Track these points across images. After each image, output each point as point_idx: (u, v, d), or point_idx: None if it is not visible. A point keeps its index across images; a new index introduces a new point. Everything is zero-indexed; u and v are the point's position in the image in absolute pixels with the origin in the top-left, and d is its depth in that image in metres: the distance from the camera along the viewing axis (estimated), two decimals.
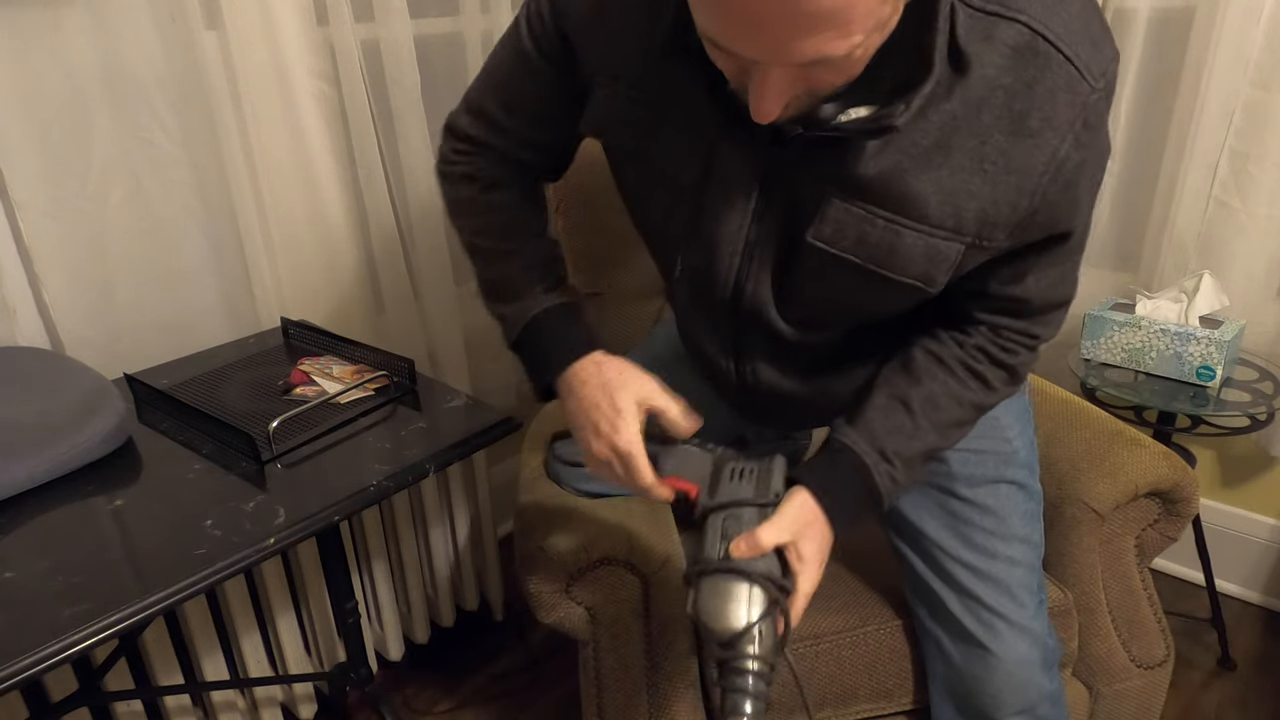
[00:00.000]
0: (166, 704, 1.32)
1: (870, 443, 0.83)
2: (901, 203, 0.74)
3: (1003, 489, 1.01)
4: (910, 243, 0.75)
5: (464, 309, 1.67)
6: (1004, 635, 0.97)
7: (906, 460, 0.84)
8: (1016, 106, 0.69)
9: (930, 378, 0.85)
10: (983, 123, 0.70)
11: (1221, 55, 1.44)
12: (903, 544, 1.06)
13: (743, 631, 0.70)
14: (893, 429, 0.84)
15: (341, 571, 1.33)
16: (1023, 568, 1.00)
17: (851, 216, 0.75)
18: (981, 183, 0.72)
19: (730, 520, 0.75)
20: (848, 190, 0.75)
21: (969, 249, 0.75)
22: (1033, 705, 0.99)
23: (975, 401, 0.86)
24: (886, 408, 0.85)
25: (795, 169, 0.77)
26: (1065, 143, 0.70)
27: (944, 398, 0.85)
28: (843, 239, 0.76)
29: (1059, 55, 0.68)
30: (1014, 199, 0.72)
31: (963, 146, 0.71)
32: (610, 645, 1.10)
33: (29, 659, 0.72)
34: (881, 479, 0.83)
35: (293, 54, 1.30)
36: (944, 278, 0.77)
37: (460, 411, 1.11)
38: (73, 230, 1.17)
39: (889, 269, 0.77)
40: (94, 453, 0.97)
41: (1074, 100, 0.69)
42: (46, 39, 1.10)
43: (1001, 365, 0.86)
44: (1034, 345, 0.86)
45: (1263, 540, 1.73)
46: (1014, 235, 0.75)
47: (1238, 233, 1.53)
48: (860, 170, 0.73)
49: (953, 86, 0.70)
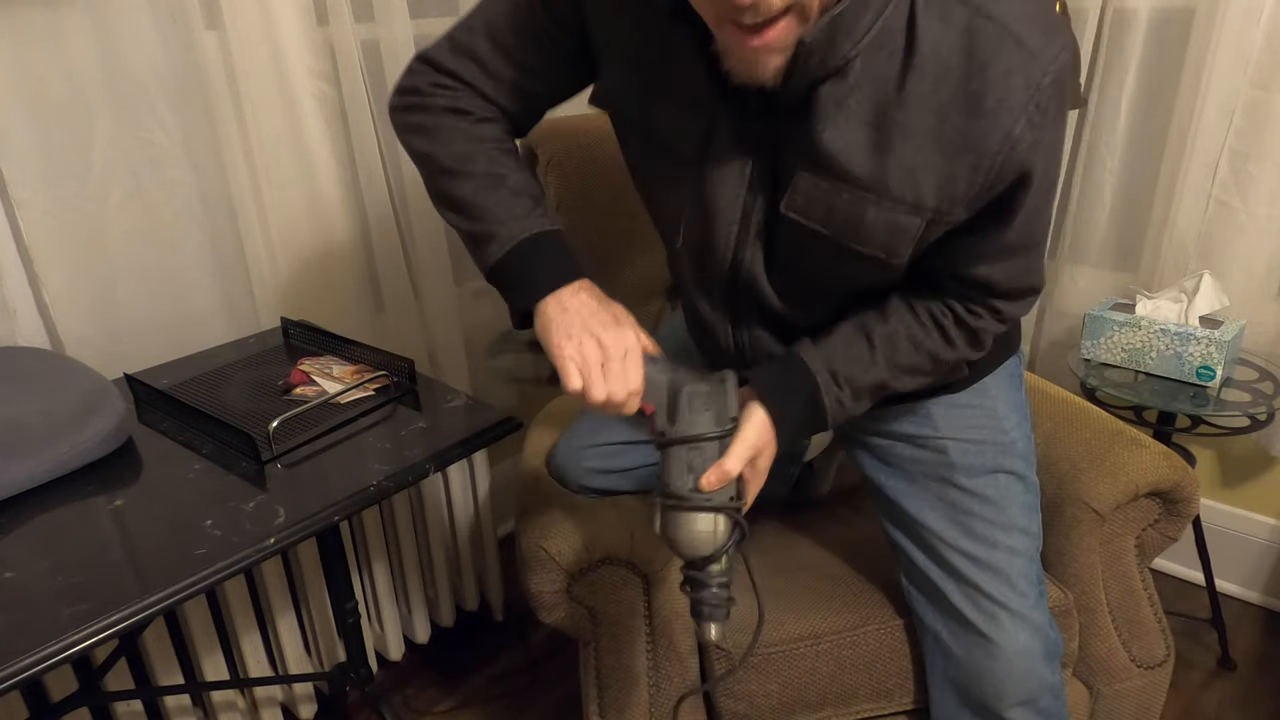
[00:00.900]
0: (166, 704, 1.32)
1: (825, 364, 0.89)
2: (865, 178, 0.78)
3: (1001, 479, 1.02)
4: (873, 217, 0.79)
5: (464, 309, 1.67)
6: (1006, 624, 0.97)
7: (856, 389, 0.89)
8: (971, 87, 0.73)
9: (896, 318, 0.89)
10: (940, 100, 0.74)
11: (1221, 55, 1.44)
12: (902, 536, 1.06)
13: (711, 555, 0.81)
14: (850, 357, 0.89)
15: (341, 571, 1.33)
16: (1023, 557, 1.00)
17: (820, 190, 0.80)
18: (941, 160, 0.76)
19: (695, 453, 0.81)
20: (816, 163, 0.79)
21: (929, 224, 0.79)
22: (1035, 696, 0.99)
23: (931, 350, 0.90)
24: (849, 337, 0.90)
25: (778, 140, 0.81)
26: (1019, 123, 0.73)
27: (904, 340, 0.89)
28: (812, 211, 0.81)
29: (1011, 38, 0.72)
30: (970, 175, 0.76)
31: (922, 124, 0.75)
32: (611, 645, 1.10)
33: (29, 659, 0.72)
34: (829, 399, 0.88)
35: (293, 54, 1.30)
36: (906, 250, 0.81)
37: (460, 411, 1.11)
38: (73, 230, 1.17)
39: (854, 241, 0.81)
40: (94, 453, 0.97)
41: (1026, 83, 0.72)
42: (47, 39, 1.10)
43: (965, 326, 0.89)
44: (999, 317, 0.90)
45: (1263, 540, 1.73)
46: (970, 208, 0.79)
47: (1238, 233, 1.53)
48: (828, 142, 0.77)
49: (907, 63, 0.74)
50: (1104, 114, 1.61)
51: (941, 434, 1.02)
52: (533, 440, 1.32)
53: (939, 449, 1.02)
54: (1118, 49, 1.56)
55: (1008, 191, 0.78)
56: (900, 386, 0.91)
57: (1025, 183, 0.77)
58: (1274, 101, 1.45)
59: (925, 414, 1.03)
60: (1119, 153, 1.63)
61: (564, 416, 1.32)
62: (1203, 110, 1.48)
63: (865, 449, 1.10)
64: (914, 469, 1.04)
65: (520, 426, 1.10)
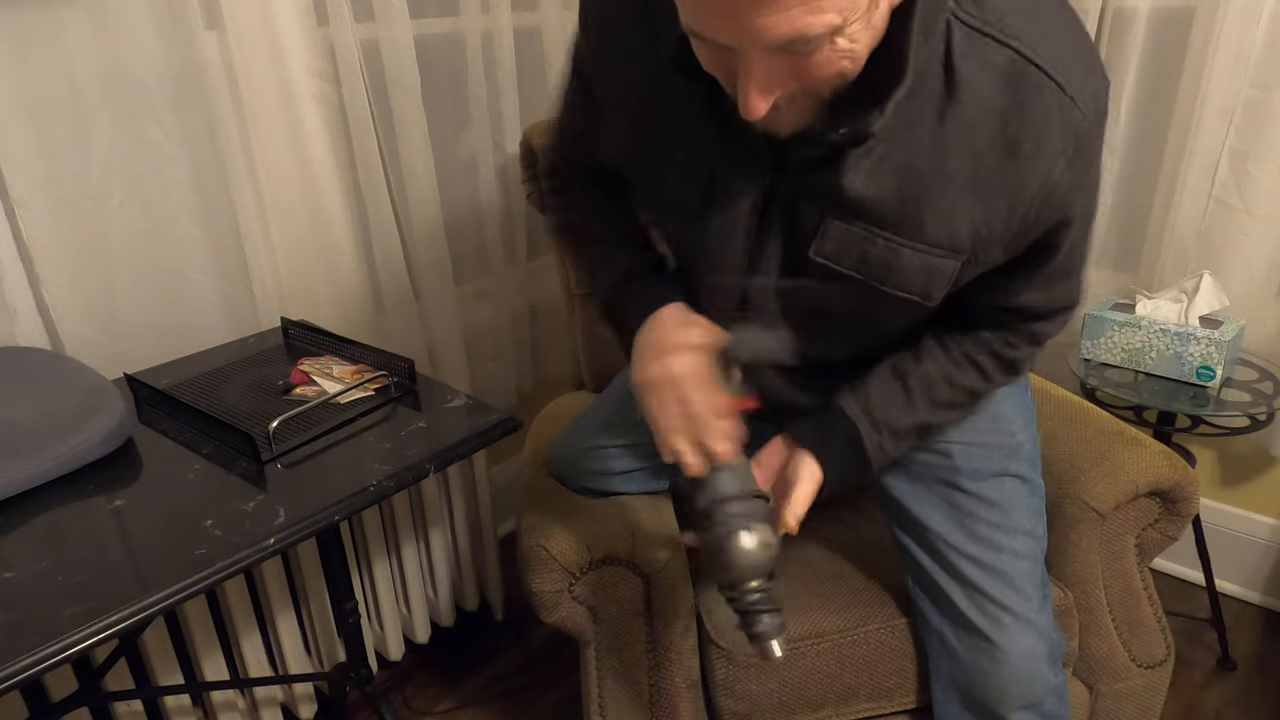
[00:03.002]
0: (166, 704, 1.32)
1: (864, 410, 0.90)
2: (900, 223, 0.76)
3: (1007, 482, 1.01)
4: (908, 261, 0.78)
5: (464, 309, 1.67)
6: (1009, 628, 0.97)
7: (895, 431, 0.91)
8: (1009, 131, 0.71)
9: (930, 360, 0.90)
10: (976, 146, 0.72)
11: (1221, 55, 1.44)
12: (907, 538, 1.06)
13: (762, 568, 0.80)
14: (888, 401, 0.90)
15: (341, 571, 1.33)
16: (1027, 561, 1.00)
17: (853, 236, 0.78)
18: (975, 203, 0.75)
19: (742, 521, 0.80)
20: (847, 210, 0.77)
21: (965, 265, 0.79)
22: (1039, 699, 0.99)
23: (969, 387, 0.91)
24: (886, 381, 0.91)
25: (794, 190, 0.79)
26: (1057, 167, 0.73)
27: (940, 381, 0.90)
28: (845, 257, 0.80)
29: (1050, 82, 0.70)
30: (1006, 218, 0.75)
31: (958, 169, 0.73)
32: (611, 645, 1.10)
33: (29, 659, 0.72)
34: (870, 445, 0.90)
35: (293, 54, 1.30)
36: (941, 292, 0.81)
37: (460, 411, 1.11)
38: (73, 230, 1.17)
39: (889, 285, 0.80)
40: (94, 453, 0.97)
41: (1066, 126, 0.71)
42: (46, 39, 1.10)
43: (1000, 358, 0.90)
44: (1038, 342, 0.91)
45: (1263, 540, 1.73)
46: (1009, 250, 0.78)
47: (1238, 232, 1.53)
48: (858, 190, 0.75)
49: (945, 107, 0.72)
50: None
51: (947, 437, 1.02)
52: (533, 440, 1.32)
53: (944, 452, 1.02)
54: (1118, 49, 1.56)
55: (1048, 233, 0.78)
56: (941, 423, 0.94)
57: (1065, 224, 0.77)
58: (1274, 101, 1.45)
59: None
60: (1119, 153, 1.62)
61: (564, 416, 1.32)
62: (1203, 110, 1.48)
63: None
64: (919, 471, 1.04)
65: (520, 426, 1.10)
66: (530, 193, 1.47)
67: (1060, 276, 0.84)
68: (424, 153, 1.50)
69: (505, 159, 1.68)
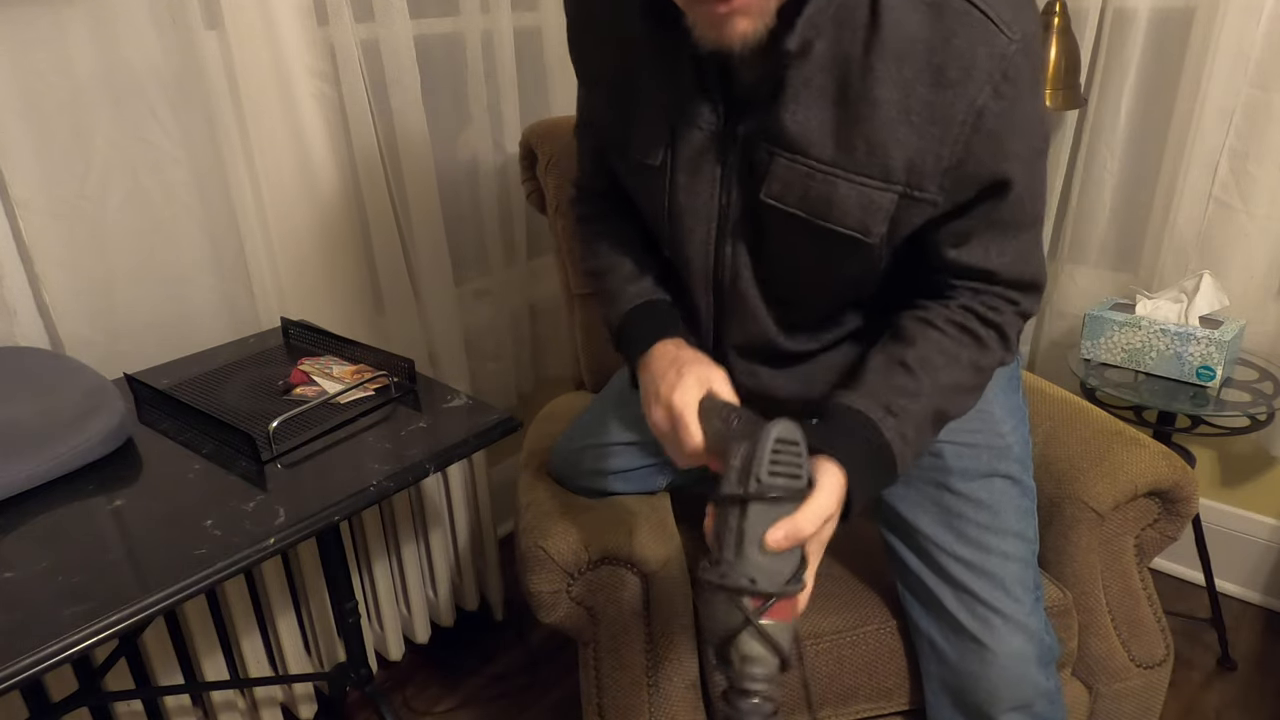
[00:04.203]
0: (166, 704, 1.32)
1: (874, 399, 0.82)
2: (835, 156, 0.79)
3: (997, 483, 1.01)
4: (844, 193, 0.80)
5: (464, 309, 1.67)
6: (999, 630, 0.97)
7: (913, 417, 0.82)
8: (935, 60, 0.74)
9: (923, 339, 0.86)
10: (904, 76, 0.75)
11: (1221, 55, 1.44)
12: (896, 540, 1.06)
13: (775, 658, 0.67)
14: (894, 388, 0.83)
15: (341, 571, 1.34)
16: (1017, 563, 1.00)
17: (795, 173, 0.81)
18: (908, 133, 0.76)
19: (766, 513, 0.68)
20: (789, 146, 0.80)
21: (902, 199, 0.79)
22: (1029, 701, 0.98)
23: (971, 360, 0.87)
24: (885, 369, 0.85)
25: (747, 133, 0.83)
26: (983, 93, 0.74)
27: (939, 356, 0.85)
28: (789, 194, 0.82)
29: (975, 10, 0.73)
30: (937, 149, 0.76)
31: (888, 98, 0.75)
32: (610, 645, 1.10)
33: (29, 659, 0.72)
34: (890, 434, 0.81)
35: (293, 54, 1.30)
36: (880, 228, 0.81)
37: (460, 411, 1.11)
38: (73, 230, 1.17)
39: (828, 220, 0.82)
40: (94, 453, 0.97)
41: (992, 53, 0.73)
42: (46, 39, 1.10)
43: (989, 323, 0.87)
44: (1016, 308, 0.88)
45: (1263, 540, 1.73)
46: (945, 188, 0.79)
47: (1238, 233, 1.53)
48: (797, 124, 0.79)
49: (870, 38, 0.75)
50: (1104, 114, 1.61)
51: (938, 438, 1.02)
52: (532, 440, 1.32)
53: (935, 453, 1.02)
54: (1118, 49, 1.56)
55: (987, 164, 0.78)
56: (955, 409, 0.87)
57: (1002, 154, 0.77)
58: (1274, 101, 1.45)
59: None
60: (1119, 153, 1.63)
61: (563, 416, 1.32)
62: (1202, 110, 1.48)
63: None
64: (909, 473, 1.04)
65: (520, 426, 1.10)
66: (530, 193, 1.47)
67: (1012, 230, 0.83)
68: (424, 153, 1.50)
69: (505, 159, 1.68)
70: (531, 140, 1.41)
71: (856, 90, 0.76)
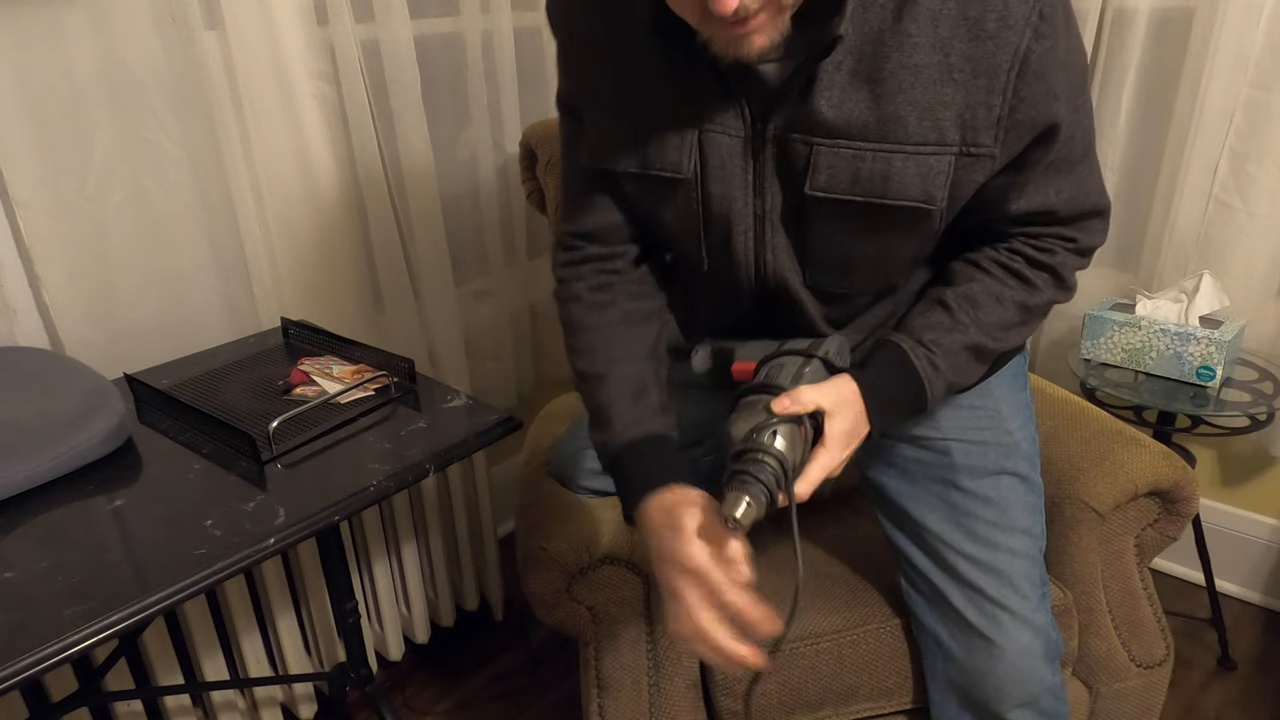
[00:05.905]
0: (166, 704, 1.32)
1: (907, 333, 0.88)
2: (883, 131, 0.78)
3: (1004, 480, 1.01)
4: (901, 166, 0.79)
5: (464, 309, 1.67)
6: (1007, 626, 0.97)
7: (946, 350, 0.87)
8: (970, 13, 0.74)
9: (966, 279, 0.88)
10: (941, 35, 0.74)
11: (1221, 55, 1.44)
12: (903, 538, 1.06)
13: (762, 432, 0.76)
14: (929, 324, 0.88)
15: (341, 571, 1.33)
16: (1025, 559, 1.00)
17: (841, 159, 0.80)
18: (954, 91, 0.76)
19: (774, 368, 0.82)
20: (830, 133, 0.79)
21: (959, 158, 0.78)
22: (1036, 698, 0.99)
23: (1018, 300, 0.88)
24: (923, 309, 0.89)
25: (778, 130, 0.81)
26: (1024, 37, 0.74)
27: (982, 295, 0.87)
28: (838, 182, 0.81)
29: None
30: (987, 99, 0.76)
31: (928, 61, 0.75)
32: (611, 645, 1.10)
33: (29, 659, 0.72)
34: (920, 362, 0.86)
35: (293, 54, 1.30)
36: (941, 193, 0.80)
37: (460, 411, 1.11)
38: (73, 230, 1.17)
39: (887, 196, 0.80)
40: (94, 453, 0.97)
41: None
42: (47, 39, 1.10)
43: (1041, 265, 0.88)
44: (1073, 247, 0.89)
45: (1263, 540, 1.73)
46: (1001, 139, 0.78)
47: (1238, 233, 1.53)
48: (835, 109, 0.78)
49: (900, 6, 0.74)
50: (1104, 114, 1.61)
51: (945, 435, 1.02)
52: (533, 440, 1.32)
53: (942, 450, 1.02)
54: (1118, 49, 1.56)
55: (1038, 106, 0.77)
56: (998, 345, 0.89)
57: (1051, 94, 0.77)
58: (1274, 101, 1.45)
59: (928, 414, 1.03)
60: (1119, 153, 1.63)
61: (564, 416, 1.32)
62: (1202, 110, 1.48)
63: (867, 449, 1.09)
64: (916, 470, 1.04)
65: (520, 426, 1.10)
66: (530, 192, 1.47)
67: (1066, 166, 0.83)
68: (424, 153, 1.50)
69: (505, 159, 1.68)
70: (531, 140, 1.41)
71: (894, 61, 0.75)
